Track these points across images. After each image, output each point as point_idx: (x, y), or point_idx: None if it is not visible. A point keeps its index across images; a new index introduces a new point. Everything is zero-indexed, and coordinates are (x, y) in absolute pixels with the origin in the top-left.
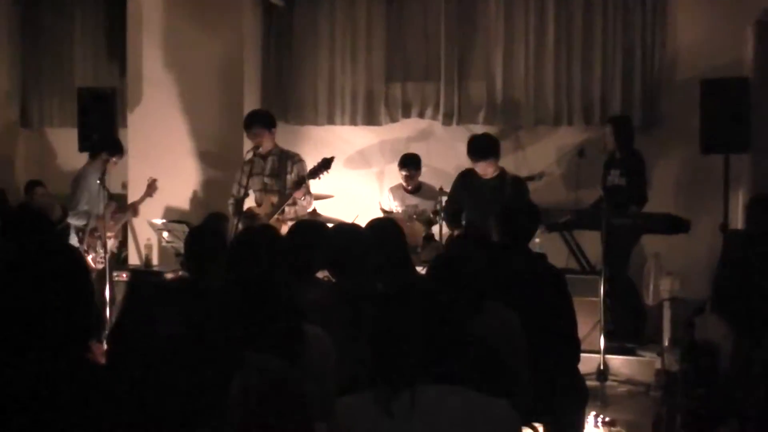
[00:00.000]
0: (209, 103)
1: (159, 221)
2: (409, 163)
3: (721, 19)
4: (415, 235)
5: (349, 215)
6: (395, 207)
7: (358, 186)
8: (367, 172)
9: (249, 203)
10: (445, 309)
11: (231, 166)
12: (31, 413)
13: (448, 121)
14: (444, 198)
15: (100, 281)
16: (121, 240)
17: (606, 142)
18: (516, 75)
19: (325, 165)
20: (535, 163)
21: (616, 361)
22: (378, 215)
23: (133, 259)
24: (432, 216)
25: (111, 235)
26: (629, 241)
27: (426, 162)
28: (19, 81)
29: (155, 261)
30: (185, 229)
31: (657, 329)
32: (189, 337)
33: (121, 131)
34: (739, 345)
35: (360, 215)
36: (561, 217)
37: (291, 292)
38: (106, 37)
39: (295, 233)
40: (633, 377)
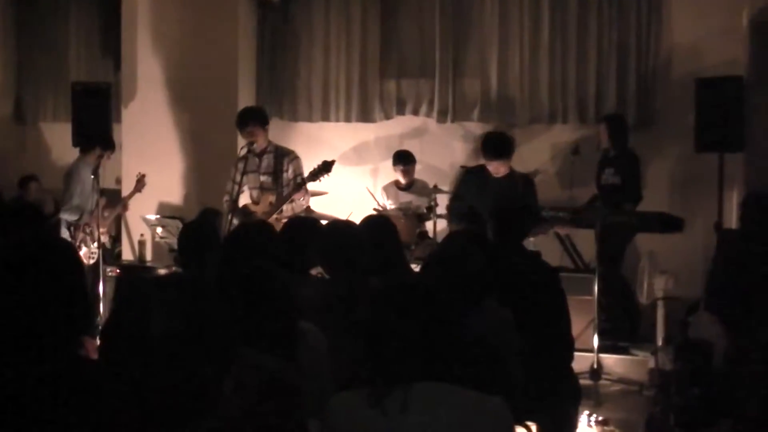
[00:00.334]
0: (204, 99)
1: (153, 217)
2: (404, 158)
3: (716, 18)
4: (408, 232)
5: (343, 212)
6: (388, 205)
7: (352, 183)
8: (361, 169)
9: (244, 200)
10: (440, 306)
11: (225, 162)
12: (24, 409)
13: (442, 118)
14: (436, 195)
15: (91, 276)
16: (114, 235)
17: (600, 139)
18: (511, 72)
19: (326, 168)
20: (530, 161)
21: (609, 359)
22: (371, 212)
23: (127, 255)
24: (425, 213)
25: (103, 231)
26: (623, 240)
27: (420, 159)
28: (13, 75)
29: (149, 256)
30: (179, 224)
31: (651, 328)
32: (182, 333)
33: (116, 126)
34: (732, 344)
35: (354, 212)
36: (555, 214)
37: (286, 289)
38: (101, 32)
39: (289, 230)
40: (626, 376)
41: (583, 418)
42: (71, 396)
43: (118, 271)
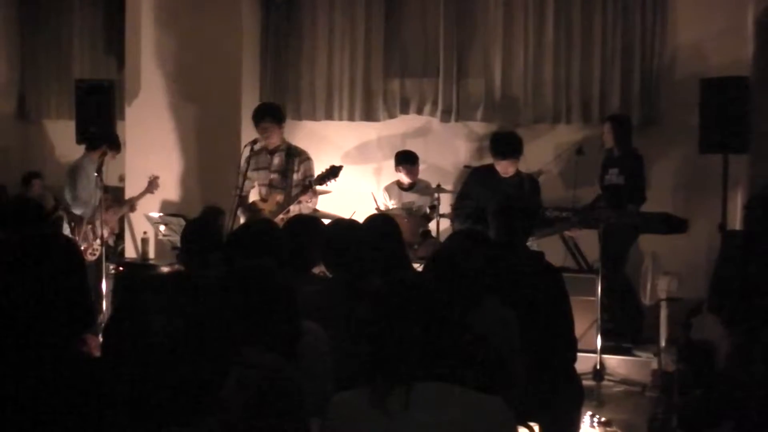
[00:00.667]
0: (207, 97)
1: (156, 215)
2: (406, 159)
3: (720, 18)
4: (411, 231)
5: (346, 211)
6: (391, 205)
7: (355, 182)
8: (364, 168)
9: (254, 195)
10: (441, 306)
11: (228, 160)
12: (25, 405)
13: (446, 117)
14: (439, 195)
15: (93, 273)
16: (117, 233)
17: (605, 140)
18: (515, 72)
19: (333, 173)
20: (533, 161)
21: (612, 360)
22: (374, 211)
23: (130, 253)
24: (428, 212)
25: (108, 230)
26: (627, 241)
27: (423, 158)
28: (17, 73)
29: (152, 254)
30: (182, 222)
31: (654, 329)
32: (184, 331)
33: (119, 124)
34: (735, 345)
35: (357, 211)
36: (559, 214)
37: (288, 288)
38: (105, 30)
39: (291, 228)
40: (629, 377)
41: (585, 419)
42: (72, 393)
43: (120, 268)
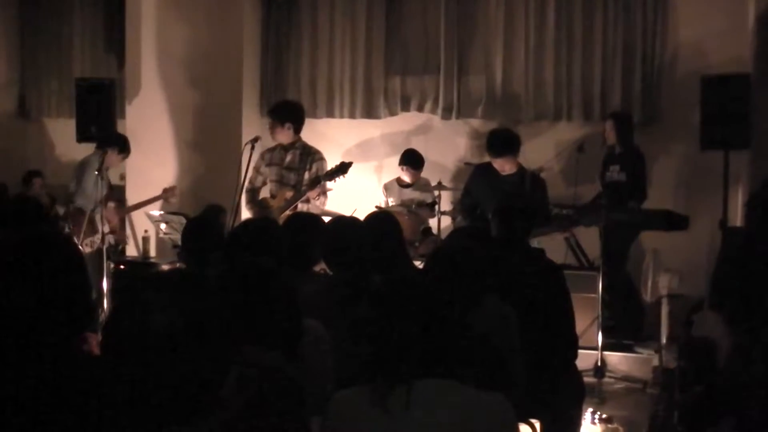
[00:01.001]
0: (207, 95)
1: (157, 213)
2: (413, 161)
3: (722, 16)
4: (412, 229)
5: (347, 209)
6: (390, 202)
7: (356, 179)
8: (365, 166)
9: (267, 191)
10: (442, 304)
11: (229, 158)
12: (26, 404)
13: (447, 115)
14: (440, 192)
15: (91, 265)
16: (117, 231)
17: (606, 136)
18: (516, 69)
19: (342, 169)
20: (534, 158)
21: (613, 357)
22: (375, 209)
23: (131, 251)
24: (430, 204)
25: (109, 227)
26: (628, 238)
27: (424, 156)
28: (17, 71)
29: (152, 252)
30: (182, 220)
31: (655, 326)
32: (183, 330)
33: (119, 123)
34: (737, 343)
35: (358, 209)
36: (560, 212)
37: (288, 286)
38: (105, 28)
39: (292, 226)
40: (630, 374)
41: (586, 416)
42: (72, 392)
43: (121, 266)
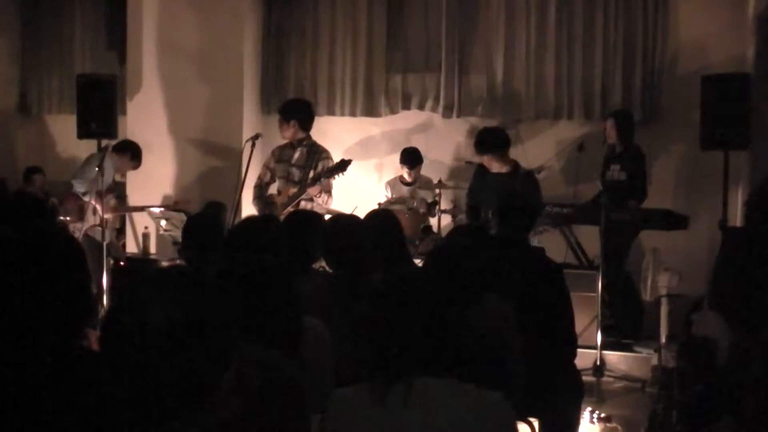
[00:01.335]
0: (208, 93)
1: (157, 209)
2: (411, 159)
3: (722, 15)
4: (412, 227)
5: (347, 207)
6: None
7: (357, 177)
8: (366, 164)
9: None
10: (442, 302)
11: (229, 154)
12: (26, 401)
13: (448, 113)
14: (440, 190)
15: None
16: (119, 228)
17: (607, 135)
18: (516, 68)
19: (341, 167)
20: (535, 157)
21: (612, 356)
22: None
23: (131, 248)
24: (432, 203)
25: (108, 219)
26: (628, 237)
27: (425, 154)
28: (18, 67)
29: (153, 249)
30: (183, 217)
31: (654, 325)
32: (184, 325)
33: (120, 119)
34: (736, 342)
35: (359, 207)
36: (560, 210)
37: (289, 283)
38: (106, 25)
39: (292, 223)
40: (629, 373)
41: (585, 415)
42: (73, 389)
43: (121, 263)
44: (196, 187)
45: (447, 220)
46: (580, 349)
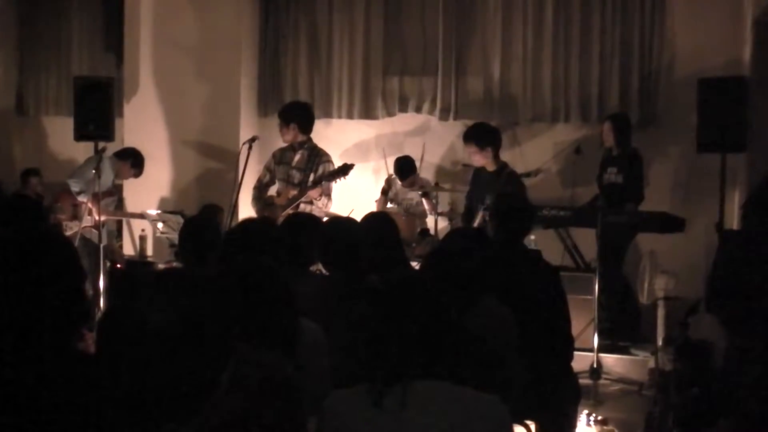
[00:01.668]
0: (206, 94)
1: (154, 212)
2: (398, 171)
3: (719, 18)
4: (409, 229)
5: (344, 209)
6: (391, 195)
7: (353, 180)
8: (363, 167)
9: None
10: (440, 304)
11: (226, 157)
12: (24, 403)
13: (444, 116)
14: (435, 193)
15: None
16: (115, 230)
17: (604, 138)
18: (513, 71)
19: (343, 171)
20: (532, 159)
21: (609, 359)
22: (372, 209)
23: (128, 250)
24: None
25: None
26: (625, 240)
27: (423, 156)
28: (16, 69)
29: (149, 251)
30: (180, 220)
31: (651, 328)
32: (180, 327)
33: (117, 121)
34: (733, 345)
35: (355, 209)
36: (557, 213)
37: (286, 285)
38: (104, 26)
39: (289, 226)
40: (626, 376)
41: (582, 418)
42: (71, 391)
43: (118, 265)
44: (193, 190)
45: (444, 222)
46: (576, 352)
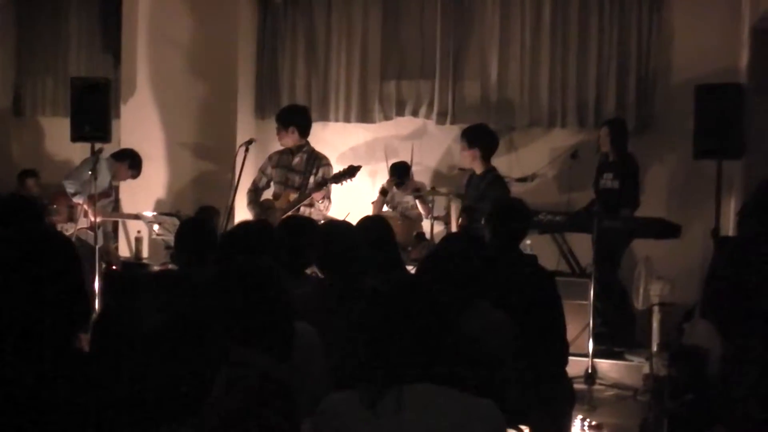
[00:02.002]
0: (203, 97)
1: (149, 214)
2: (399, 174)
3: (716, 25)
4: (405, 233)
5: (340, 212)
6: (389, 196)
7: (349, 183)
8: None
9: (267, 195)
10: (436, 308)
11: (223, 159)
12: (24, 403)
13: (441, 120)
14: (431, 197)
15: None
16: (111, 232)
17: (601, 144)
18: (511, 75)
19: (350, 173)
20: (528, 164)
21: (604, 364)
22: (368, 213)
23: (124, 252)
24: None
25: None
26: (620, 245)
27: (419, 161)
28: (13, 69)
29: (145, 253)
30: (176, 221)
31: (646, 333)
32: (174, 329)
33: (114, 122)
34: (728, 351)
35: (351, 213)
36: (553, 218)
37: (281, 288)
38: (101, 27)
39: (285, 229)
40: (621, 381)
41: (576, 423)
42: (69, 391)
43: (113, 267)
44: (190, 192)
45: (440, 227)
46: (571, 357)
